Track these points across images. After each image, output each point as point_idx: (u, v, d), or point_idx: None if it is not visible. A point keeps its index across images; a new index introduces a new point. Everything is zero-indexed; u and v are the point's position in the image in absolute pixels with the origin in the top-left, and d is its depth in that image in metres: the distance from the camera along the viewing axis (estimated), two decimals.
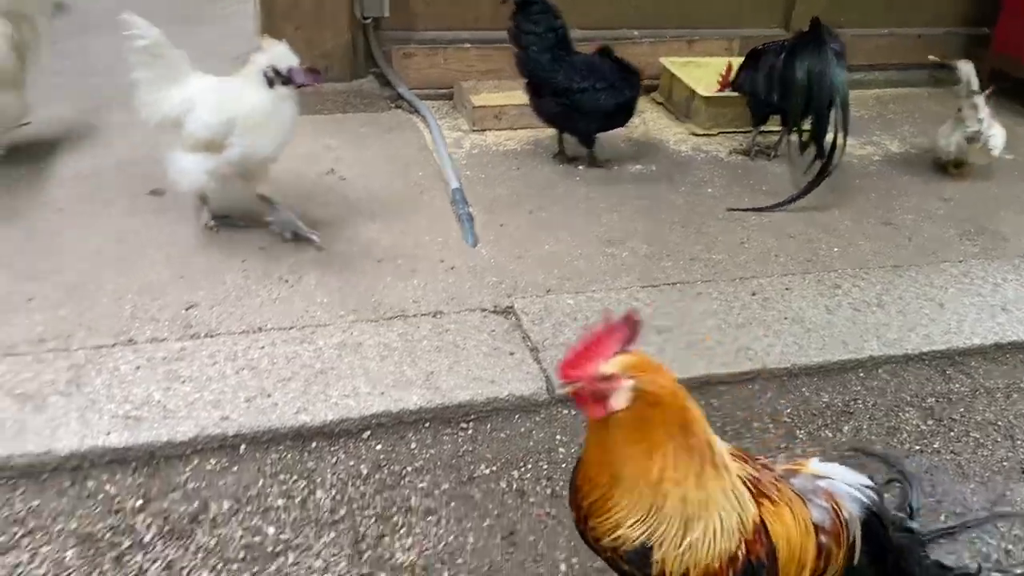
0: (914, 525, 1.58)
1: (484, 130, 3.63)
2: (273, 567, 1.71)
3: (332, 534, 1.79)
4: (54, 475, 1.85)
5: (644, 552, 1.34)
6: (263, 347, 2.23)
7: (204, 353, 2.19)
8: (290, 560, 1.73)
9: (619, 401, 1.27)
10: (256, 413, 2.00)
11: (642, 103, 3.99)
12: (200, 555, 1.72)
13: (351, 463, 1.97)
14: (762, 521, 1.40)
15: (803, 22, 3.40)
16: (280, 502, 1.85)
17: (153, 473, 1.89)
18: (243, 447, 1.95)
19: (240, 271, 2.56)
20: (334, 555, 1.74)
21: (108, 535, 1.74)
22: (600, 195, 3.21)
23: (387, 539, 1.80)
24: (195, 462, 1.92)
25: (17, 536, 1.72)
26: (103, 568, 1.67)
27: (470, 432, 2.10)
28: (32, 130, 3.20)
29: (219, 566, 1.70)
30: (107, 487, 1.84)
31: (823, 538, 1.49)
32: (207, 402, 2.01)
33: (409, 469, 1.97)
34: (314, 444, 2.00)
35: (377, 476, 1.94)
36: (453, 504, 1.90)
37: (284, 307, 2.41)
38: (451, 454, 2.03)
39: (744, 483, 1.38)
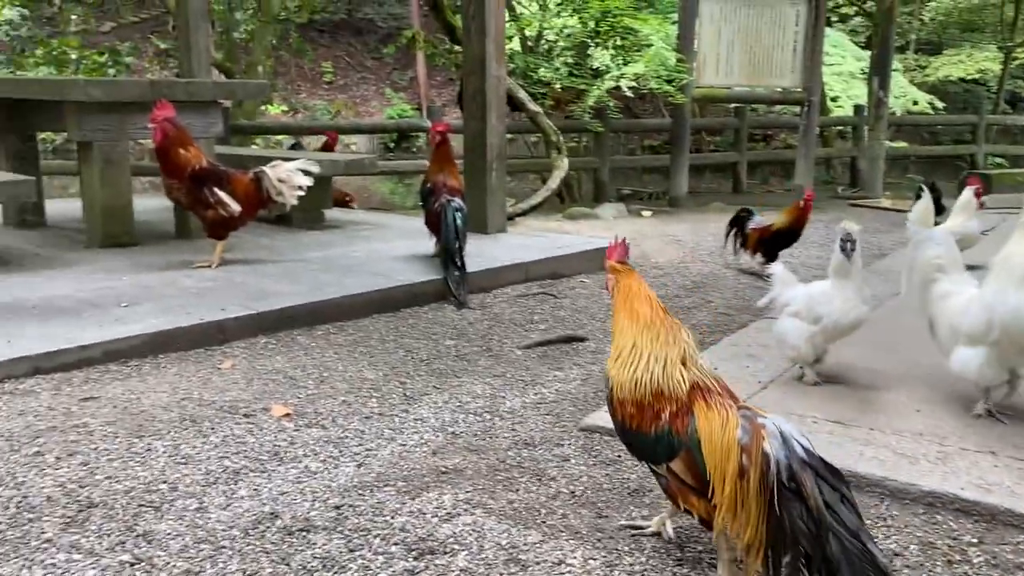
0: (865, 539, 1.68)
1: None
2: None
3: None
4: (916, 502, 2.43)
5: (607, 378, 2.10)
6: None
7: None
8: None
9: (610, 287, 2.19)
10: None
11: None
12: None
13: None
14: (689, 407, 1.92)
15: None
16: None
17: (991, 528, 2.29)
18: None
19: None
20: None
21: (946, 548, 2.21)
22: None
23: None
24: None
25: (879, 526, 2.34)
26: (936, 565, 2.15)
27: None
28: None
29: None
30: (951, 523, 2.33)
31: (744, 459, 1.80)
32: None
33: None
34: None
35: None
36: None
37: None
38: None
39: (695, 384, 1.96)
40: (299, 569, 2.09)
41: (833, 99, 14.81)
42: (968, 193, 5.48)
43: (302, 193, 5.11)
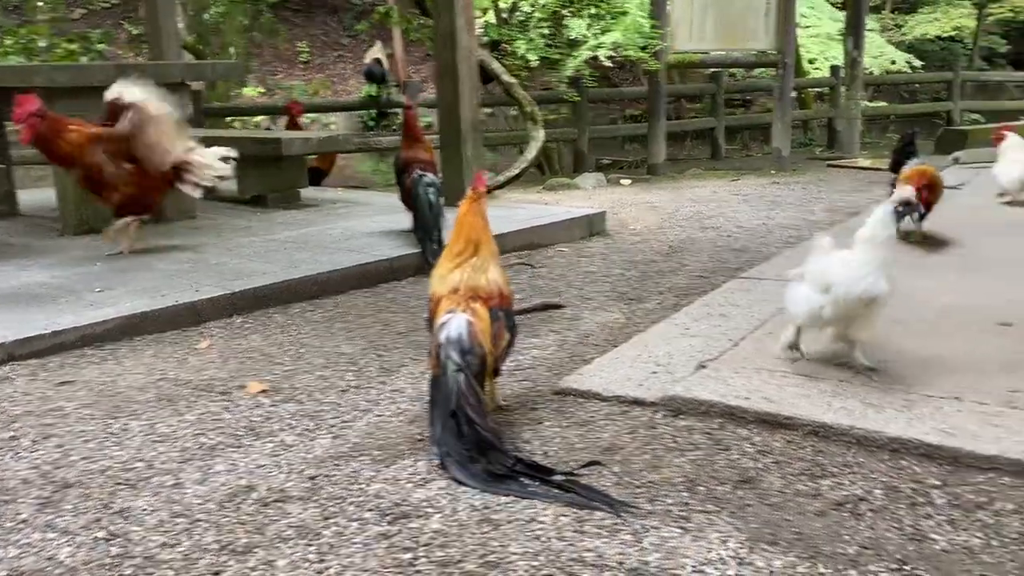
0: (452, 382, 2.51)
1: None
2: None
3: None
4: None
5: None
6: None
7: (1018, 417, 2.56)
8: None
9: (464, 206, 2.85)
10: None
11: None
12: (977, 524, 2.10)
13: None
14: (439, 301, 2.71)
15: None
16: None
17: (954, 470, 2.34)
18: None
19: None
20: None
21: (910, 492, 2.26)
22: None
23: None
24: (990, 474, 2.30)
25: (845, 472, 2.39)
26: (900, 508, 2.20)
27: None
28: None
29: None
30: (915, 467, 2.38)
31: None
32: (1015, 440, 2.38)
33: None
34: None
35: None
36: None
37: None
38: None
39: (451, 289, 2.71)
40: (274, 538, 2.12)
41: (811, 61, 14.79)
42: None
43: (217, 179, 4.87)
